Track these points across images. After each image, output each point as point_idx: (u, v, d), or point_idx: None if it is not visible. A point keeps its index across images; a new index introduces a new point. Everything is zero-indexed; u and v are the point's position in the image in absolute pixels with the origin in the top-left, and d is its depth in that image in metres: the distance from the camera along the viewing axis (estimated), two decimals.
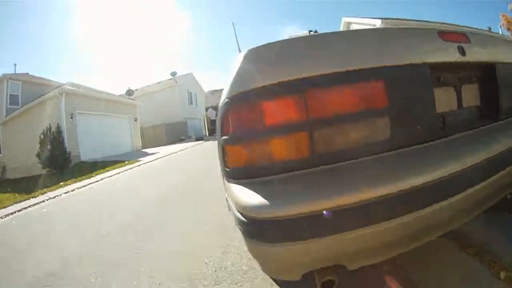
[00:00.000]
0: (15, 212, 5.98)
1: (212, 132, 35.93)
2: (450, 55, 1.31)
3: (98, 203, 5.73)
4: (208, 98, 37.34)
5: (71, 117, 15.14)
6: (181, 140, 25.93)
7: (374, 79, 1.11)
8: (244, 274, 2.23)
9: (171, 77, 30.96)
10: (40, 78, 19.22)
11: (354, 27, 17.17)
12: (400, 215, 0.95)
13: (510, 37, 10.74)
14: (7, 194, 8.07)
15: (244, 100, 1.09)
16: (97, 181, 9.01)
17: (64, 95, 15.01)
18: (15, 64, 34.84)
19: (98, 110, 17.60)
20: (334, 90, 1.09)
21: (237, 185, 1.11)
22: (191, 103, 33.07)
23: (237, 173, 1.16)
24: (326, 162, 1.06)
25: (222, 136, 1.17)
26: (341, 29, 18.49)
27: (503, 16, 11.17)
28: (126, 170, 10.80)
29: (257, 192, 1.01)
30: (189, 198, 4.84)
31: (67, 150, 13.79)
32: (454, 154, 1.16)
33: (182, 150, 16.63)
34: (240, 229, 1.08)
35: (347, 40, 1.20)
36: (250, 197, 1.01)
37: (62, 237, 3.81)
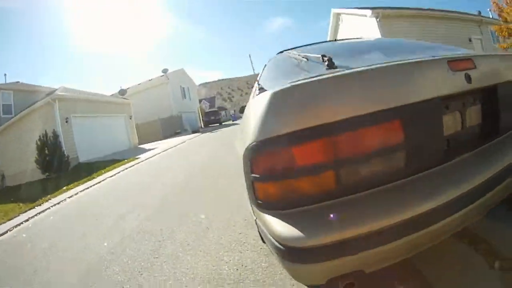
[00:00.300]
0: (22, 223, 5.90)
1: (206, 123, 36.03)
2: (459, 84, 1.39)
3: (103, 207, 5.66)
4: (200, 91, 37.65)
5: (66, 121, 15.20)
6: (176, 134, 26.03)
7: (392, 119, 1.21)
8: None
9: (162, 74, 31.06)
10: (31, 85, 19.32)
11: (343, 18, 17.07)
12: (412, 233, 1.10)
13: (502, 24, 10.76)
14: (11, 205, 7.95)
15: (273, 145, 1.18)
16: (99, 182, 8.96)
17: (57, 101, 15.00)
18: (5, 74, 34.67)
19: (93, 112, 17.62)
20: (357, 132, 1.18)
21: (271, 216, 1.21)
22: (184, 97, 33.47)
23: (269, 205, 1.25)
24: (350, 193, 1.19)
25: (251, 173, 1.25)
26: (330, 21, 18.38)
27: (493, 2, 11.24)
28: (126, 168, 10.76)
29: (290, 224, 1.13)
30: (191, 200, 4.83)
31: (65, 153, 13.72)
32: (456, 179, 1.26)
33: (178, 144, 16.63)
34: (275, 252, 1.20)
35: (368, 81, 1.24)
36: (285, 229, 1.13)
37: (74, 249, 3.75)
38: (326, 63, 1.51)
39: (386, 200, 1.16)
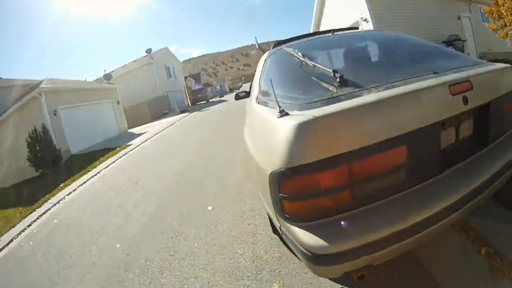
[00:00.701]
0: (25, 229, 5.79)
1: (194, 101, 35.62)
2: (457, 107, 1.57)
3: (104, 204, 5.60)
4: (185, 68, 36.96)
5: (55, 114, 14.84)
6: (164, 115, 25.78)
7: (399, 145, 1.40)
8: None
9: (146, 54, 30.54)
10: (14, 80, 18.37)
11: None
12: (413, 236, 1.33)
13: (493, 6, 10.52)
14: (10, 210, 7.81)
15: (300, 172, 1.32)
16: (95, 175, 8.89)
17: (43, 94, 14.53)
18: None
19: (80, 101, 17.16)
20: (369, 159, 1.37)
21: (298, 228, 1.39)
22: (170, 76, 33.06)
23: (295, 218, 1.41)
24: (362, 206, 1.40)
25: (279, 193, 1.40)
26: (315, 4, 17.85)
27: None
28: (120, 157, 10.71)
29: (315, 234, 1.32)
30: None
31: (56, 147, 13.47)
32: (449, 190, 1.49)
33: (168, 126, 16.59)
34: (301, 256, 1.39)
35: (381, 112, 1.41)
36: (311, 239, 1.31)
37: (86, 255, 3.69)
38: (338, 79, 1.63)
39: (390, 211, 1.38)
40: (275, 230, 2.44)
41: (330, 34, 3.12)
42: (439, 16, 14.23)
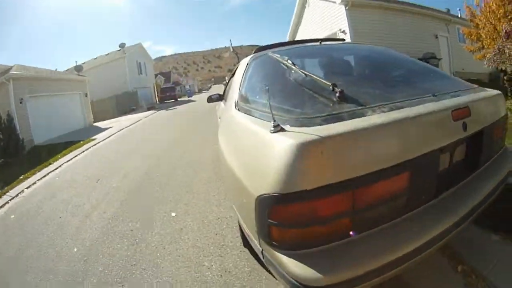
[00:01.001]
0: None
1: (162, 99, 35.20)
2: (458, 133, 1.56)
3: (63, 201, 5.27)
4: (156, 66, 36.60)
5: (21, 102, 14.13)
6: (131, 111, 25.27)
7: (403, 171, 1.33)
8: None
9: (119, 48, 30.06)
10: None
11: (311, 1, 16.62)
12: (407, 262, 1.28)
13: (472, 28, 10.96)
14: None
15: (297, 199, 1.19)
16: (56, 168, 8.51)
17: (11, 80, 13.85)
18: None
19: (49, 90, 16.46)
20: (373, 185, 1.28)
21: (287, 257, 1.25)
22: (141, 73, 32.63)
23: (284, 246, 1.28)
24: (360, 232, 1.31)
25: (268, 219, 1.26)
26: (297, 3, 17.96)
27: (467, 7, 11.42)
28: (83, 151, 10.35)
29: (308, 265, 1.20)
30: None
31: (20, 136, 12.91)
32: (439, 218, 1.46)
33: (135, 122, 16.33)
34: (289, 286, 1.26)
35: (386, 136, 1.32)
36: (303, 270, 1.19)
37: (41, 258, 3.44)
38: (337, 94, 1.52)
39: (387, 238, 1.31)
40: (246, 244, 2.26)
41: (317, 43, 2.99)
42: (417, 33, 14.81)
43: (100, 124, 18.75)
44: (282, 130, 1.32)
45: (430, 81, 2.09)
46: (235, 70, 3.13)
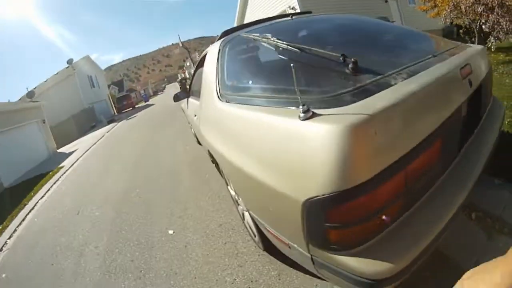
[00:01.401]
0: None
1: (119, 109, 34.33)
2: (467, 90, 1.57)
3: (49, 245, 4.77)
4: (107, 76, 35.94)
5: None
6: (92, 128, 24.74)
7: (437, 139, 1.29)
8: None
9: (68, 65, 28.70)
10: None
11: None
12: (453, 222, 1.28)
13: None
14: None
15: (355, 194, 1.05)
16: (32, 208, 7.99)
17: None
18: None
19: (6, 125, 15.31)
20: (419, 158, 1.20)
21: (350, 257, 1.14)
22: (93, 86, 31.80)
23: (344, 247, 1.16)
24: (406, 210, 1.26)
25: (325, 223, 1.11)
26: None
27: None
28: (54, 183, 9.92)
29: (377, 258, 1.11)
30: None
31: None
32: (468, 172, 1.50)
33: (98, 140, 16.16)
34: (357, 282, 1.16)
35: (426, 102, 1.26)
36: (370, 265, 1.10)
37: None
38: (351, 65, 1.37)
39: (433, 209, 1.29)
40: (268, 247, 2.12)
41: (289, 18, 2.72)
42: (365, 1, 15.40)
43: (64, 149, 18.17)
44: (315, 115, 1.13)
45: (420, 43, 2.09)
46: (202, 61, 2.91)
